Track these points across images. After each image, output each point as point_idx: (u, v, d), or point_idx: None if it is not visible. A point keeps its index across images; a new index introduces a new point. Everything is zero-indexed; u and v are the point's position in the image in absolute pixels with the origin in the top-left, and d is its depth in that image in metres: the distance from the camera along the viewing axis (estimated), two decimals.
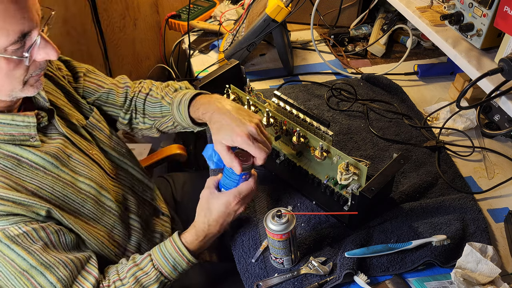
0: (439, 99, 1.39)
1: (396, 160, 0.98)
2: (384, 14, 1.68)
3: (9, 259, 0.82)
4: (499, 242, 0.99)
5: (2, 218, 0.81)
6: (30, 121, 0.88)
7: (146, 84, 1.19)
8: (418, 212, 1.03)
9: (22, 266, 0.82)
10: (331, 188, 1.05)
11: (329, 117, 1.33)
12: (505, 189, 1.11)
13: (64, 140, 0.96)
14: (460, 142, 1.24)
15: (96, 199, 0.97)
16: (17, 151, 0.87)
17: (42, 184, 0.88)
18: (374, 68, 1.56)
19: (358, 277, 0.91)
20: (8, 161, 0.85)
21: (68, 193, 0.92)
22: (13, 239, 0.81)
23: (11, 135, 0.87)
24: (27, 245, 0.83)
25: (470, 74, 0.93)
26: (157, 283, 0.92)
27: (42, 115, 0.92)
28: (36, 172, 0.88)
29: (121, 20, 2.03)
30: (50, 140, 0.93)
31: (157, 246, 0.97)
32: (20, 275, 0.82)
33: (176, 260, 0.94)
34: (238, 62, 1.21)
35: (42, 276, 0.83)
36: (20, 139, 0.88)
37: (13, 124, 0.87)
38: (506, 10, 0.82)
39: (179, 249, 0.94)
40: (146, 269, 0.92)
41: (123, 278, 0.91)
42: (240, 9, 1.77)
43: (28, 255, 0.82)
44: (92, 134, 1.06)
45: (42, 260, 0.83)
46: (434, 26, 1.06)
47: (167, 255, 0.94)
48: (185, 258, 0.94)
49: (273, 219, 0.88)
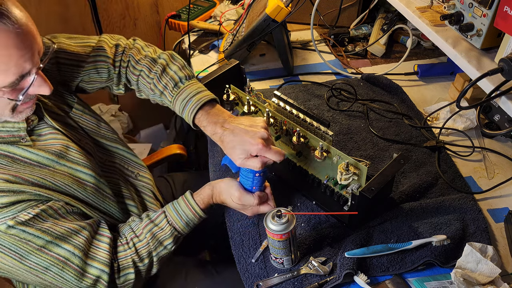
0: (439, 99, 1.39)
1: (396, 160, 0.98)
2: (384, 14, 1.68)
3: (25, 241, 0.85)
4: (499, 242, 0.99)
5: (10, 208, 0.84)
6: (20, 126, 0.91)
7: (131, 55, 1.10)
8: (418, 212, 1.03)
9: (39, 243, 0.87)
10: (331, 188, 1.05)
11: (329, 117, 1.33)
12: (505, 189, 1.11)
13: (57, 132, 0.97)
14: (460, 142, 1.24)
15: (96, 187, 1.00)
16: (10, 149, 0.89)
17: (42, 175, 0.90)
18: (374, 68, 1.56)
19: (358, 277, 0.91)
20: (3, 159, 0.88)
21: (69, 183, 0.94)
22: (25, 223, 0.85)
23: (1, 137, 0.89)
24: (40, 225, 0.87)
25: (470, 74, 0.93)
26: (171, 237, 1.00)
27: (32, 119, 0.93)
28: (31, 167, 0.90)
29: (121, 20, 2.03)
30: (42, 137, 0.95)
31: (171, 203, 1.03)
32: (39, 252, 0.87)
33: (189, 217, 1.01)
34: (238, 62, 1.21)
35: (59, 247, 0.88)
36: (10, 141, 0.90)
37: (3, 130, 0.89)
38: (506, 10, 0.82)
39: (192, 207, 1.01)
40: (161, 225, 1.00)
41: (139, 235, 0.99)
42: (240, 9, 1.77)
43: (42, 233, 0.87)
44: (79, 124, 1.07)
45: (55, 234, 0.88)
46: (434, 26, 1.06)
47: (180, 213, 1.01)
48: (198, 215, 1.02)
49: (273, 219, 0.88)
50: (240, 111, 1.18)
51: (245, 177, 0.98)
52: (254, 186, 0.99)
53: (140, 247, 0.97)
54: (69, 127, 1.03)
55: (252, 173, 0.96)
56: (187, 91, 1.04)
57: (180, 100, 1.03)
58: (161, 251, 1.00)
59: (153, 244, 0.98)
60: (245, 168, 0.97)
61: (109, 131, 1.15)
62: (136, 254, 0.97)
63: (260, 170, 0.95)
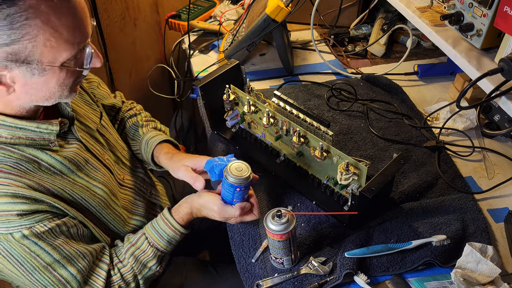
0: (439, 99, 1.39)
1: (396, 160, 0.98)
2: (384, 14, 1.68)
3: (35, 255, 0.85)
4: (499, 242, 0.99)
5: (29, 216, 0.83)
6: (53, 129, 0.90)
7: (137, 107, 1.29)
8: (418, 212, 1.03)
9: (46, 260, 0.86)
10: (331, 188, 1.05)
11: (329, 117, 1.33)
12: (505, 189, 1.11)
13: (80, 145, 0.98)
14: (460, 142, 1.24)
15: (107, 204, 1.00)
16: (38, 154, 0.89)
17: (62, 186, 0.90)
18: (374, 68, 1.56)
19: (358, 277, 0.91)
20: (30, 164, 0.87)
21: (86, 197, 0.95)
22: (39, 236, 0.84)
23: (32, 139, 0.88)
24: (52, 240, 0.86)
25: (470, 74, 0.93)
26: (155, 258, 0.99)
27: (65, 123, 0.94)
28: (54, 176, 0.90)
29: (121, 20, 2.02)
30: (67, 145, 0.95)
31: (150, 223, 1.02)
32: (44, 270, 0.86)
33: (170, 235, 1.01)
34: (238, 62, 1.21)
35: (63, 269, 0.88)
36: (40, 144, 0.89)
37: (36, 131, 0.88)
38: (506, 10, 0.82)
39: (172, 225, 1.01)
40: (143, 247, 0.99)
41: (122, 260, 0.97)
42: (240, 9, 1.77)
43: (52, 250, 0.86)
44: (105, 137, 1.09)
45: (64, 253, 0.88)
46: (434, 26, 1.06)
47: (161, 232, 1.00)
48: (178, 232, 1.01)
49: (273, 219, 0.88)
50: (240, 111, 1.19)
51: (226, 190, 0.97)
52: (235, 199, 0.97)
53: (124, 272, 0.97)
54: (94, 139, 1.04)
55: (233, 187, 0.95)
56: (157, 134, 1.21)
57: (150, 135, 1.18)
58: (147, 273, 1.00)
59: (137, 268, 0.98)
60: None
61: (124, 148, 1.18)
62: (122, 280, 0.96)
63: (241, 185, 0.94)
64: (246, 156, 1.20)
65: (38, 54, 0.76)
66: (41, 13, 0.73)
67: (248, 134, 1.23)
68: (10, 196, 0.81)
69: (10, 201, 0.81)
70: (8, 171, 0.83)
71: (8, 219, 0.81)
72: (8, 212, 0.81)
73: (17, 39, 0.73)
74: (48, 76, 0.80)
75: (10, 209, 0.81)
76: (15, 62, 0.75)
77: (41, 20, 0.73)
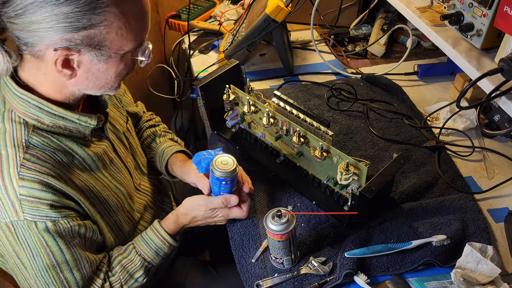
0: (439, 99, 1.39)
1: (396, 160, 0.98)
2: (384, 14, 1.68)
3: (49, 251, 0.84)
4: (499, 242, 0.99)
5: (57, 210, 0.83)
6: (91, 123, 0.91)
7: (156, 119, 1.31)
8: (418, 212, 1.03)
9: (58, 259, 0.86)
10: (331, 188, 1.05)
11: (329, 117, 1.33)
12: (505, 189, 1.11)
13: (108, 144, 0.99)
14: (460, 142, 1.24)
15: (123, 206, 1.01)
16: (73, 146, 0.89)
17: (87, 181, 0.91)
18: (374, 68, 1.56)
19: (358, 277, 0.91)
20: (65, 155, 0.87)
21: (105, 195, 0.95)
22: (59, 233, 0.84)
23: (69, 131, 0.89)
24: (69, 240, 0.86)
25: (470, 74, 0.93)
26: (142, 268, 0.98)
27: (101, 119, 0.95)
28: (83, 170, 0.91)
29: None
30: (97, 142, 0.96)
31: (139, 235, 1.02)
32: (52, 269, 0.86)
33: (157, 245, 1.00)
34: (238, 62, 1.21)
35: (70, 272, 0.88)
36: (76, 136, 0.90)
37: (76, 122, 0.89)
38: (506, 10, 0.82)
39: (160, 234, 1.00)
40: (130, 257, 0.98)
41: (111, 269, 0.96)
42: (240, 9, 1.77)
43: (66, 250, 0.86)
44: (129, 141, 1.10)
45: (75, 256, 0.88)
46: (434, 26, 1.06)
47: (149, 241, 0.99)
48: (166, 242, 1.00)
49: (273, 219, 0.88)
50: (240, 111, 1.18)
51: (213, 184, 0.99)
52: (222, 192, 0.99)
53: (113, 282, 0.96)
54: (120, 141, 1.05)
55: (219, 180, 0.96)
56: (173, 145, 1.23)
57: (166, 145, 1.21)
58: (132, 284, 0.98)
59: (124, 278, 0.96)
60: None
61: (142, 154, 1.19)
62: None
63: (227, 178, 0.95)
64: (246, 156, 1.20)
65: (109, 41, 0.79)
66: (119, 2, 0.76)
67: (248, 134, 1.23)
68: (44, 185, 0.81)
69: (43, 189, 0.81)
70: (45, 159, 0.83)
71: (37, 206, 0.81)
72: (39, 199, 0.81)
73: (95, 24, 0.76)
74: (110, 64, 0.82)
75: (42, 197, 0.81)
76: (88, 46, 0.78)
77: (119, 9, 0.76)
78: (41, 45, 0.77)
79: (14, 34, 0.77)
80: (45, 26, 0.74)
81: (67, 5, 0.73)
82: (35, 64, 0.81)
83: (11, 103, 0.84)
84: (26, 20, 0.74)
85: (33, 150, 0.82)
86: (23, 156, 0.81)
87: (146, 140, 1.25)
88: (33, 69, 0.83)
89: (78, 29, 0.75)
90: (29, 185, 0.80)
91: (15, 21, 0.75)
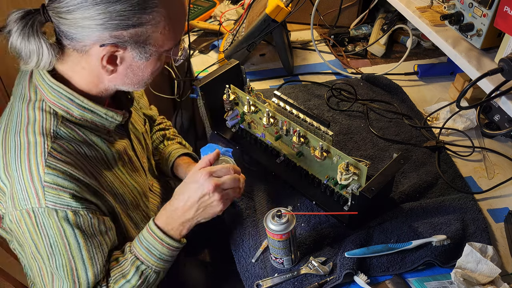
0: (439, 99, 1.39)
1: (396, 160, 0.98)
2: (384, 14, 1.68)
3: (67, 242, 0.84)
4: (499, 242, 0.99)
5: (78, 200, 0.83)
6: (117, 118, 0.91)
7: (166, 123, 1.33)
8: (418, 212, 1.03)
9: (74, 253, 0.85)
10: (331, 188, 1.05)
11: (329, 117, 1.33)
12: (505, 189, 1.11)
13: (128, 142, 1.00)
14: (460, 142, 1.24)
15: (138, 204, 1.01)
16: (97, 141, 0.90)
17: (107, 178, 0.91)
18: (374, 68, 1.56)
19: (358, 277, 0.91)
20: (90, 149, 0.88)
21: (122, 192, 0.95)
22: (79, 224, 0.84)
23: (95, 125, 0.89)
24: (88, 233, 0.85)
25: (470, 74, 0.93)
26: (133, 266, 0.91)
27: (126, 116, 0.95)
28: (104, 166, 0.91)
29: None
30: (119, 139, 0.97)
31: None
32: (68, 263, 0.85)
33: (148, 241, 0.92)
34: (238, 62, 1.21)
35: (83, 270, 0.86)
36: (100, 131, 0.90)
37: (102, 117, 0.89)
38: (506, 10, 0.82)
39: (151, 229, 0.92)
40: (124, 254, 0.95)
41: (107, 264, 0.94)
42: (240, 9, 1.77)
43: (84, 243, 0.85)
44: (146, 142, 1.11)
45: (91, 252, 0.87)
46: (434, 26, 1.06)
47: (141, 238, 0.93)
48: (158, 238, 0.92)
49: (273, 219, 0.88)
50: (240, 111, 1.19)
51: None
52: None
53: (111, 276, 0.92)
54: (138, 141, 1.06)
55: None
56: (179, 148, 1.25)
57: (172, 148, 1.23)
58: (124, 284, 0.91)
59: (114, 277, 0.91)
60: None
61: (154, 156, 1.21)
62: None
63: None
64: (246, 156, 1.20)
65: (153, 39, 0.81)
66: (167, 3, 0.79)
67: (248, 134, 1.23)
68: (68, 175, 0.81)
69: (67, 178, 0.81)
70: (71, 150, 0.84)
71: (59, 194, 0.81)
72: (62, 188, 0.81)
73: (144, 23, 0.78)
74: (149, 62, 0.84)
75: (65, 185, 0.81)
76: (134, 43, 0.79)
77: (166, 10, 0.79)
78: (87, 41, 0.78)
79: (59, 28, 0.78)
80: (96, 23, 0.75)
81: (120, 4, 0.75)
82: (75, 58, 0.82)
83: (42, 92, 0.85)
84: (78, 16, 0.75)
85: (60, 141, 0.83)
86: (51, 145, 0.81)
87: (155, 142, 1.26)
88: (72, 63, 0.83)
89: (127, 27, 0.77)
90: (54, 173, 0.80)
91: (66, 16, 0.76)
